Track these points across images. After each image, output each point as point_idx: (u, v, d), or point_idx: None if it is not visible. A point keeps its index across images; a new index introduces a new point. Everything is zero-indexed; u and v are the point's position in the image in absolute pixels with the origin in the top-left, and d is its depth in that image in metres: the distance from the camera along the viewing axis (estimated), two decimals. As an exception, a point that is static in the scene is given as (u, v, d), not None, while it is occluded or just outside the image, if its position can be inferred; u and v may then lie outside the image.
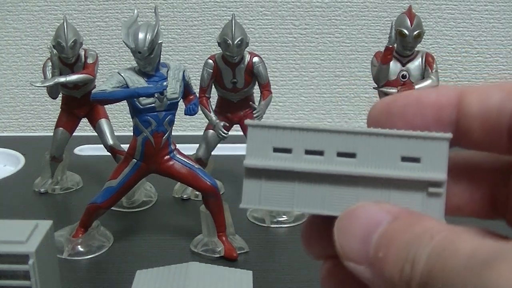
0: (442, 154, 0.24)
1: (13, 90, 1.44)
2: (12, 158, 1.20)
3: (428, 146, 0.24)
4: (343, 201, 0.24)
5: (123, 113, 1.37)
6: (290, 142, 0.24)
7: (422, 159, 0.24)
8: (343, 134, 0.24)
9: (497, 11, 1.38)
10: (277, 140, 0.24)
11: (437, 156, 0.24)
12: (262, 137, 0.25)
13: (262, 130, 0.24)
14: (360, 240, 0.22)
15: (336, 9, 1.38)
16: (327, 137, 0.24)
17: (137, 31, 0.74)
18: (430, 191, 0.24)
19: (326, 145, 0.24)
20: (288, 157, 0.24)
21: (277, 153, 0.24)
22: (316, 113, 1.45)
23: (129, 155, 0.80)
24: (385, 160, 0.24)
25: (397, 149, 0.24)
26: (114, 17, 1.38)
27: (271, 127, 0.24)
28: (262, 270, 0.77)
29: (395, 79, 0.85)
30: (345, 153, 0.24)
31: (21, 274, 0.55)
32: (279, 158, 0.24)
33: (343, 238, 0.23)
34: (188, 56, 1.40)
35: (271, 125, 0.24)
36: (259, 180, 0.25)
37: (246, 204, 0.25)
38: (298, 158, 0.24)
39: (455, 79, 1.44)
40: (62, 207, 1.00)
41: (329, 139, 0.24)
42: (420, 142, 0.24)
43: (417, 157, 0.24)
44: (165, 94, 0.76)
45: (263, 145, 0.24)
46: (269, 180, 0.25)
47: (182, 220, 0.94)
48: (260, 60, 0.92)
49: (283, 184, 0.24)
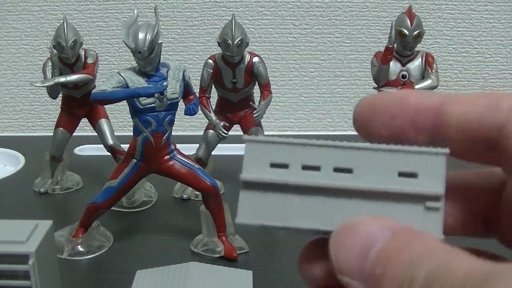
0: (440, 169, 0.23)
1: (13, 90, 1.44)
2: (12, 158, 1.20)
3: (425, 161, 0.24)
4: (340, 216, 0.24)
5: (123, 113, 1.37)
6: (287, 158, 0.24)
7: (419, 174, 0.24)
8: (339, 149, 0.24)
9: (497, 11, 1.38)
10: (274, 155, 0.24)
11: (434, 171, 0.24)
12: (259, 152, 0.24)
13: (259, 145, 0.24)
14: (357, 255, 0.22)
15: (336, 9, 1.38)
16: (323, 153, 0.24)
17: (137, 31, 0.74)
18: (428, 206, 0.23)
19: (323, 160, 0.24)
20: (285, 172, 0.24)
21: (274, 168, 0.24)
22: (316, 113, 1.45)
23: (129, 155, 0.80)
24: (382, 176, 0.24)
25: (394, 164, 0.24)
26: (114, 17, 1.38)
27: (268, 142, 0.24)
28: (262, 270, 0.77)
29: (395, 79, 0.85)
30: (342, 169, 0.24)
31: (21, 274, 0.55)
32: (276, 173, 0.24)
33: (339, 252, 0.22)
34: (188, 56, 1.40)
35: (268, 141, 0.24)
36: (256, 194, 0.24)
37: (242, 219, 0.24)
38: (295, 173, 0.24)
39: (455, 79, 1.44)
40: (62, 207, 1.00)
41: (325, 155, 0.24)
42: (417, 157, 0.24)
43: (415, 172, 0.24)
44: (165, 94, 0.76)
45: (260, 160, 0.24)
46: (266, 195, 0.24)
47: (182, 220, 0.94)
48: (260, 60, 0.92)
49: (280, 199, 0.24)
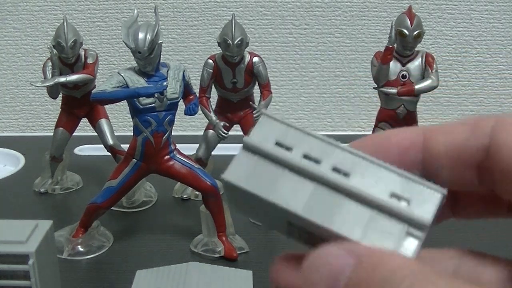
0: (433, 205, 0.23)
1: (13, 90, 1.44)
2: (12, 158, 1.20)
3: (422, 193, 0.24)
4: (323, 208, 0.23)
5: (123, 113, 1.37)
6: (293, 142, 0.25)
7: (412, 201, 0.23)
8: (345, 152, 0.24)
9: (497, 11, 1.38)
10: (282, 135, 0.25)
11: (427, 205, 0.23)
12: (270, 128, 0.25)
13: (272, 122, 0.26)
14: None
15: (336, 9, 1.38)
16: (328, 150, 0.25)
17: (137, 31, 0.74)
18: (410, 231, 0.23)
19: (325, 156, 0.24)
20: (286, 153, 0.25)
21: (277, 147, 0.25)
22: (316, 113, 1.45)
23: (129, 155, 0.80)
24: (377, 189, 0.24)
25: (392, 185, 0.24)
26: (114, 17, 1.38)
27: (282, 122, 0.26)
28: (262, 270, 0.77)
29: (395, 79, 0.85)
30: (340, 170, 0.24)
31: (21, 274, 0.55)
32: (278, 151, 0.25)
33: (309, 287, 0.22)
34: (188, 56, 1.40)
35: (282, 121, 0.26)
36: (253, 158, 0.25)
37: (229, 177, 0.24)
38: (295, 158, 0.25)
39: (455, 79, 1.44)
40: (62, 207, 1.00)
41: (329, 152, 0.24)
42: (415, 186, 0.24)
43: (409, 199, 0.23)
44: (165, 94, 0.76)
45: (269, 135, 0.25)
46: (261, 162, 0.25)
47: (182, 220, 0.94)
48: (260, 60, 0.92)
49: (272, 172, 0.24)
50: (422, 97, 0.90)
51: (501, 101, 1.46)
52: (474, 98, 1.46)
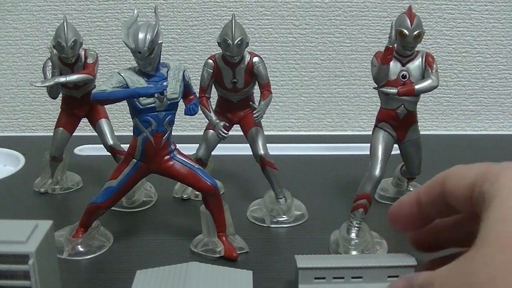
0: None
1: (13, 90, 1.44)
2: (12, 158, 1.20)
3: (404, 270, 0.62)
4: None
5: (123, 113, 1.37)
6: (324, 274, 0.63)
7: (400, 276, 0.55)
8: (355, 268, 0.62)
9: (497, 11, 1.38)
10: (317, 274, 0.63)
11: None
12: (309, 273, 0.63)
13: (309, 271, 0.63)
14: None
15: (336, 9, 1.38)
16: (346, 271, 0.62)
17: (137, 31, 0.74)
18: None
19: (346, 274, 0.63)
20: (322, 281, 0.63)
21: (317, 279, 0.63)
22: (316, 113, 1.45)
23: (129, 155, 0.80)
24: (379, 279, 0.63)
25: (386, 273, 0.63)
26: (114, 17, 1.38)
27: (315, 268, 0.62)
28: (262, 270, 0.77)
29: (395, 79, 0.85)
30: (356, 277, 0.63)
31: (21, 274, 0.55)
32: (318, 282, 0.63)
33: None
34: (188, 56, 1.40)
35: (314, 267, 0.62)
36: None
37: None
38: (328, 282, 0.62)
39: (455, 79, 1.44)
40: (62, 207, 1.00)
41: (347, 271, 0.62)
42: (398, 269, 0.62)
43: (397, 275, 0.58)
44: (165, 94, 0.76)
45: (309, 276, 0.63)
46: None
47: (182, 220, 0.94)
48: (260, 60, 0.92)
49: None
50: (422, 97, 0.90)
51: (501, 101, 1.46)
52: (474, 98, 1.46)
